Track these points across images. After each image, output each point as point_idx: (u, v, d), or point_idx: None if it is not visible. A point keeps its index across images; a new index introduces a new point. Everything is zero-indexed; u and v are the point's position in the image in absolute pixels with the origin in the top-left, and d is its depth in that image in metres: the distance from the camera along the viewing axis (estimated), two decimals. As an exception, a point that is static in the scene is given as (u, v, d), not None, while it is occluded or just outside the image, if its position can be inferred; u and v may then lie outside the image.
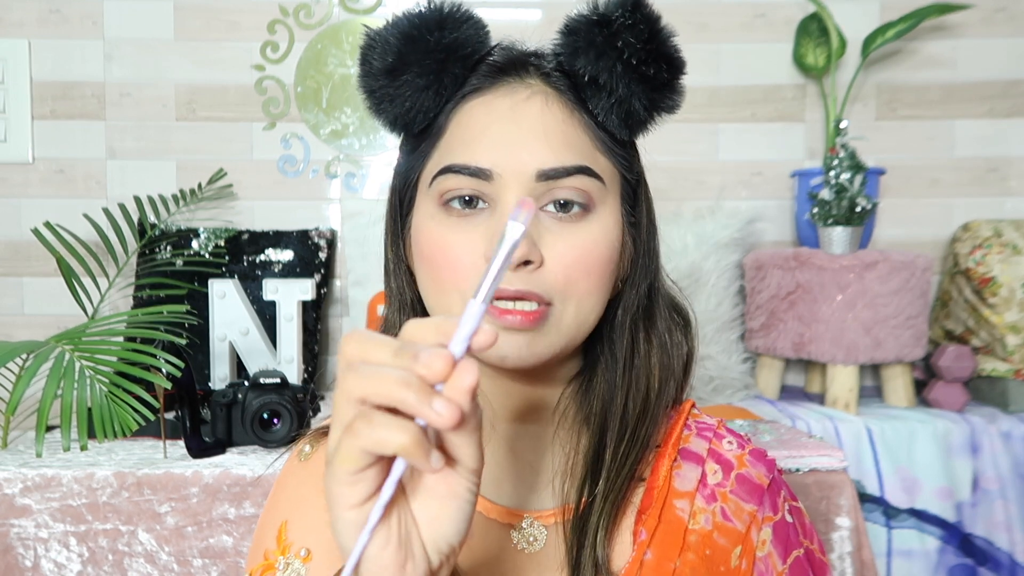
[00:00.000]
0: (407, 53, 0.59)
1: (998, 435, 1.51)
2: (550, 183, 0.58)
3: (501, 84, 0.61)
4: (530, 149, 0.58)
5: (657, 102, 0.61)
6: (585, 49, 0.60)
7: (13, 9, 1.87)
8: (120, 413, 1.13)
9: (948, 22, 1.90)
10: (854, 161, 1.59)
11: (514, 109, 0.60)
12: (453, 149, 0.60)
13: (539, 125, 0.59)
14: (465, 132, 0.60)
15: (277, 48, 1.92)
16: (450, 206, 0.59)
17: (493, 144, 0.58)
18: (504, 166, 0.58)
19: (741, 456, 0.65)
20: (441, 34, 0.59)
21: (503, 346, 0.57)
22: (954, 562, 1.47)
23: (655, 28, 0.60)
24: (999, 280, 1.70)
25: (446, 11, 0.60)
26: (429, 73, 0.59)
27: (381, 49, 0.60)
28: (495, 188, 0.58)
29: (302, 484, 0.67)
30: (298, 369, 1.57)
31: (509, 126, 0.59)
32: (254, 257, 1.84)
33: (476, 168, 0.58)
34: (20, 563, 1.15)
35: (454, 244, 0.58)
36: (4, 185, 1.89)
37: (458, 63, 0.60)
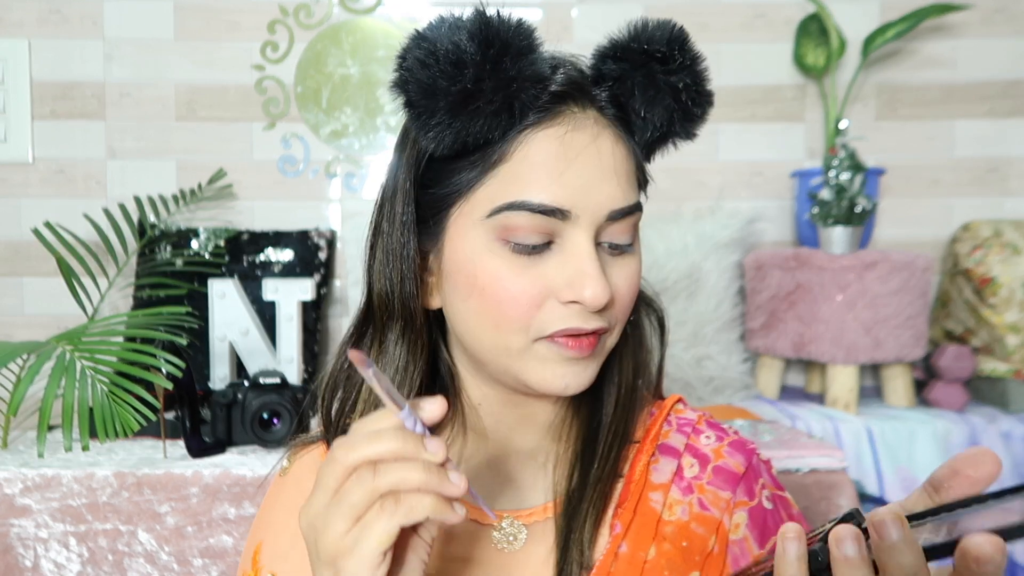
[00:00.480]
0: (485, 79, 0.55)
1: (998, 435, 1.51)
2: (613, 222, 0.59)
3: (565, 115, 0.59)
4: (607, 190, 0.58)
5: (690, 134, 0.64)
6: (643, 85, 0.60)
7: (13, 9, 1.87)
8: (121, 413, 1.13)
9: (948, 22, 1.90)
10: (854, 161, 1.59)
11: (593, 145, 0.59)
12: (524, 183, 0.57)
13: (612, 163, 0.59)
14: (538, 167, 0.57)
15: (277, 48, 1.92)
16: (515, 242, 0.58)
17: (573, 183, 0.57)
18: (583, 207, 0.57)
19: (719, 448, 0.66)
20: (522, 63, 0.56)
21: (566, 376, 0.59)
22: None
23: (702, 67, 0.62)
24: (999, 280, 1.70)
25: (519, 33, 0.57)
26: (503, 102, 0.56)
27: (449, 68, 0.55)
28: (567, 227, 0.58)
29: (275, 504, 0.68)
30: (298, 369, 1.57)
31: (588, 165, 0.58)
32: (254, 257, 1.84)
33: (555, 208, 0.57)
34: (20, 563, 1.15)
35: (524, 285, 0.58)
36: (4, 185, 1.90)
37: (531, 91, 0.57)
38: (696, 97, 0.61)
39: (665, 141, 0.64)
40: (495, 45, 0.55)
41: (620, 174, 0.60)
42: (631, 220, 0.61)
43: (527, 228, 0.57)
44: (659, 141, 0.64)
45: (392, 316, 0.65)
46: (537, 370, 0.59)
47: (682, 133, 0.63)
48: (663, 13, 0.62)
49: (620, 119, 0.62)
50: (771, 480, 0.68)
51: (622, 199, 0.59)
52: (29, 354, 1.24)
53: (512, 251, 0.58)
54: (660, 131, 0.62)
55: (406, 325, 0.64)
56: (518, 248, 0.58)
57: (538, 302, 0.58)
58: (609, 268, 0.60)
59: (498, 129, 0.57)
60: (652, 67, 0.60)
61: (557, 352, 0.59)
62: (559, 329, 0.58)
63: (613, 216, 0.59)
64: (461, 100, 0.55)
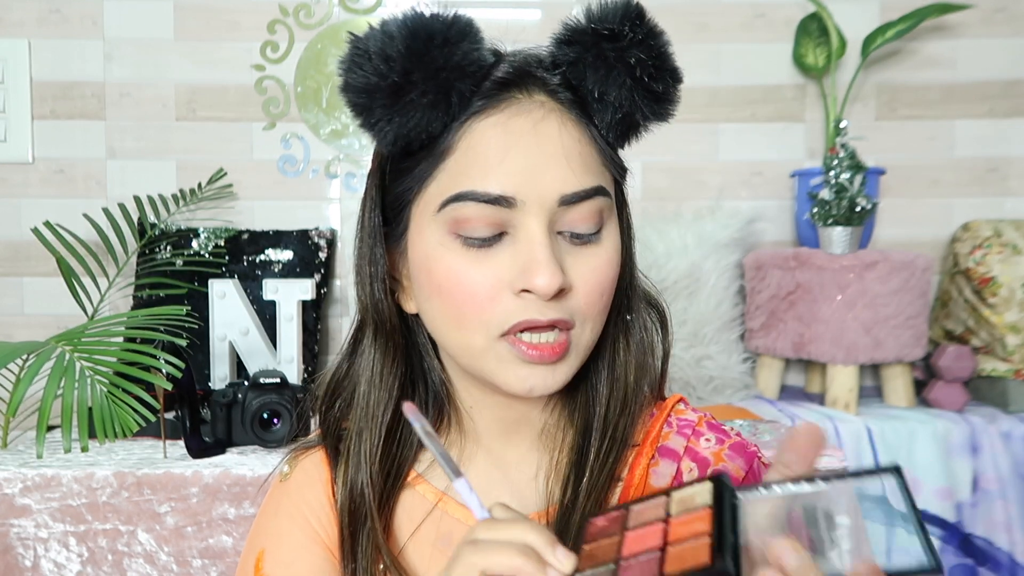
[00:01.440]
0: (412, 71, 0.55)
1: (998, 435, 1.51)
2: (569, 207, 0.57)
3: (510, 102, 0.58)
4: (553, 174, 0.56)
5: (658, 114, 0.60)
6: (593, 64, 0.58)
7: (13, 9, 1.87)
8: (120, 414, 1.13)
9: (948, 22, 1.90)
10: (854, 161, 1.59)
11: (535, 131, 0.57)
12: (469, 174, 0.57)
13: (559, 147, 0.57)
14: (481, 156, 0.57)
15: (277, 48, 1.92)
16: (466, 235, 0.57)
17: (515, 170, 0.56)
18: (527, 193, 0.56)
19: (719, 452, 0.65)
20: (449, 50, 0.55)
21: (530, 379, 0.57)
22: (954, 562, 1.47)
23: (661, 42, 0.59)
24: (999, 280, 1.70)
25: (451, 23, 0.56)
26: (437, 92, 0.56)
27: (379, 63, 0.55)
28: (517, 215, 0.56)
29: (279, 511, 0.68)
30: (298, 369, 1.57)
31: (531, 150, 0.56)
32: (254, 257, 1.84)
33: (498, 196, 0.55)
34: (20, 563, 1.15)
35: (477, 279, 0.56)
36: (4, 185, 1.89)
37: (466, 81, 0.56)
38: (654, 72, 0.58)
39: (633, 123, 0.60)
40: (421, 36, 0.55)
41: (570, 157, 0.57)
42: (591, 207, 0.58)
43: (475, 219, 0.56)
44: (625, 123, 0.60)
45: (368, 322, 0.65)
46: (500, 372, 0.58)
47: (648, 112, 0.60)
48: (663, 12, 0.61)
49: (575, 102, 0.59)
50: None
51: (574, 183, 0.57)
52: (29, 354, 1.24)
53: (464, 245, 0.57)
54: (622, 111, 0.59)
55: (378, 329, 0.65)
56: (470, 241, 0.57)
57: (493, 295, 0.56)
58: (571, 258, 0.58)
59: (437, 120, 0.56)
60: (603, 45, 0.58)
61: (516, 355, 0.57)
62: (517, 322, 0.56)
63: (566, 201, 0.56)
64: (393, 94, 0.55)
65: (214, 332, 1.55)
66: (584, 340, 0.60)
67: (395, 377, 0.65)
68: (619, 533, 0.47)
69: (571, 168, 0.57)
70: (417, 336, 0.67)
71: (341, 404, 0.68)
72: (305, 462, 0.70)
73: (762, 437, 1.32)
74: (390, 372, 0.65)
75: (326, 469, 0.68)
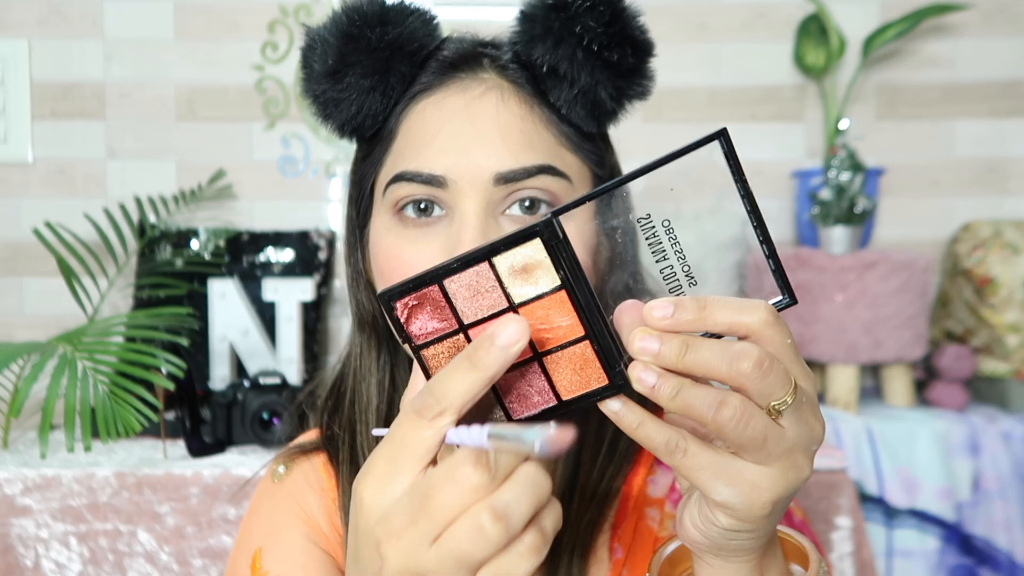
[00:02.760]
0: (348, 53, 0.55)
1: (998, 435, 1.51)
2: (510, 186, 0.54)
3: (453, 81, 0.56)
4: (487, 151, 0.54)
5: (625, 89, 0.57)
6: (542, 36, 0.55)
7: (13, 9, 1.87)
8: (122, 413, 1.13)
9: (948, 22, 1.90)
10: (854, 161, 1.59)
11: (467, 107, 0.55)
12: (404, 155, 0.56)
13: (494, 124, 0.54)
14: (416, 136, 0.56)
15: (277, 48, 1.91)
16: (404, 215, 0.55)
17: (445, 148, 0.54)
18: (459, 171, 0.53)
19: None
20: (384, 30, 0.55)
21: None
22: (954, 562, 1.47)
23: (617, 8, 0.55)
24: (999, 280, 1.70)
25: (387, 4, 0.56)
26: (373, 73, 0.55)
27: (321, 50, 0.56)
28: (451, 195, 0.54)
29: (276, 509, 0.66)
30: (298, 369, 1.57)
31: (462, 127, 0.54)
32: (254, 257, 1.84)
33: (429, 175, 0.54)
34: (20, 563, 1.15)
35: (411, 257, 0.55)
36: (4, 185, 1.89)
37: (404, 60, 0.55)
38: (607, 40, 0.54)
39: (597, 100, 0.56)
40: (355, 17, 0.55)
41: (508, 135, 0.54)
42: (536, 185, 0.54)
43: (410, 199, 0.55)
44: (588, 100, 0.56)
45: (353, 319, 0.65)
46: None
47: (610, 87, 0.56)
48: (663, 12, 0.61)
49: (529, 80, 0.57)
50: None
51: (511, 161, 0.54)
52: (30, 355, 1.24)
53: (404, 226, 0.56)
54: (578, 86, 0.55)
55: (360, 324, 0.65)
56: (409, 222, 0.56)
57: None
58: None
59: (377, 103, 0.56)
60: (550, 16, 0.55)
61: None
62: None
63: (502, 179, 0.53)
64: (333, 77, 0.56)
65: (214, 332, 1.55)
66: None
67: (383, 371, 0.64)
68: (460, 332, 0.41)
69: (507, 145, 0.54)
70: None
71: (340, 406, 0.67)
72: (304, 465, 0.68)
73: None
74: (377, 367, 0.64)
75: (326, 475, 0.67)
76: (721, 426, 0.37)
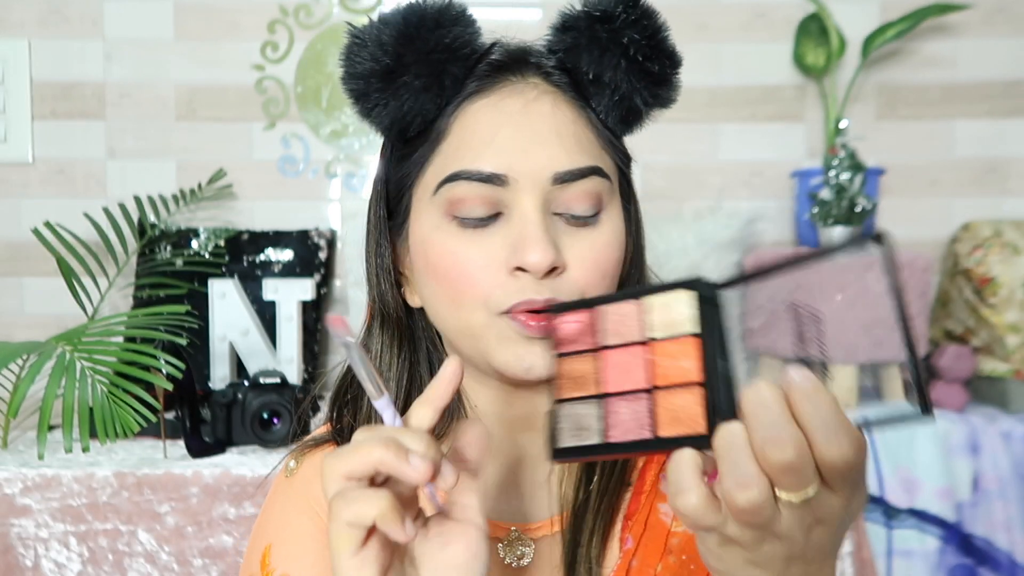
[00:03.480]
0: (404, 54, 0.56)
1: (998, 435, 1.51)
2: (565, 186, 0.57)
3: (504, 84, 0.59)
4: (546, 151, 0.56)
5: (658, 98, 0.60)
6: (588, 46, 0.58)
7: (13, 9, 1.87)
8: (121, 414, 1.13)
9: (948, 22, 1.90)
10: (854, 161, 1.59)
11: (525, 110, 0.58)
12: (461, 154, 0.57)
13: (551, 126, 0.57)
14: (473, 136, 0.57)
15: (277, 48, 1.92)
16: (460, 215, 0.57)
17: (506, 147, 0.56)
18: (519, 170, 0.56)
19: None
20: (440, 33, 0.57)
21: (528, 356, 0.56)
22: (954, 562, 1.47)
23: (656, 23, 0.59)
24: (999, 280, 1.70)
25: (443, 8, 0.58)
26: (429, 75, 0.57)
27: (374, 49, 0.57)
28: (510, 193, 0.56)
29: (287, 505, 0.67)
30: (298, 369, 1.57)
31: (522, 128, 0.57)
32: (254, 257, 1.84)
33: (490, 174, 0.56)
34: (20, 563, 1.15)
35: (473, 257, 0.56)
36: (4, 185, 1.89)
37: (459, 63, 0.58)
38: (648, 52, 0.58)
39: (634, 108, 0.60)
40: (413, 21, 0.57)
41: (563, 136, 0.57)
42: (586, 187, 0.57)
43: (470, 199, 0.56)
44: (625, 107, 0.60)
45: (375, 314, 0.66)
46: (499, 351, 0.57)
47: (647, 95, 0.60)
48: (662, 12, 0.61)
49: (572, 86, 0.60)
50: None
51: (566, 161, 0.57)
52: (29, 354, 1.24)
53: (460, 226, 0.57)
54: (619, 93, 0.59)
55: (384, 321, 0.65)
56: (465, 222, 0.57)
57: (489, 274, 0.56)
58: (567, 239, 0.57)
59: (431, 103, 0.58)
60: (596, 27, 0.58)
61: (517, 330, 0.56)
62: (514, 303, 0.56)
63: (560, 179, 0.56)
64: (386, 77, 0.57)
65: (214, 332, 1.55)
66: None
67: (402, 369, 0.65)
68: (595, 352, 0.46)
69: (563, 147, 0.57)
70: (423, 330, 0.67)
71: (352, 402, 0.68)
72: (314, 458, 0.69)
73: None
74: (398, 364, 0.65)
75: None
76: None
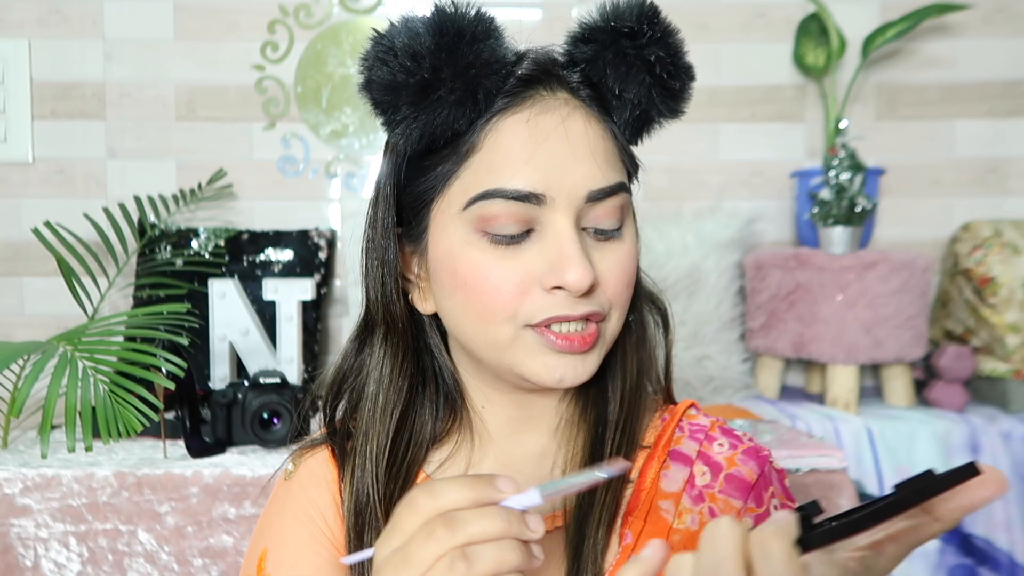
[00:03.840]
0: (442, 68, 0.55)
1: (998, 435, 1.51)
2: (595, 203, 0.58)
3: (535, 99, 0.58)
4: (581, 170, 0.57)
5: (674, 111, 0.62)
6: (614, 62, 0.59)
7: (13, 9, 1.87)
8: (123, 413, 1.13)
9: (948, 22, 1.90)
10: (854, 161, 1.59)
11: (561, 126, 0.57)
12: (496, 171, 0.57)
13: (585, 143, 0.58)
14: (509, 154, 0.57)
15: (277, 48, 1.92)
16: (493, 232, 0.57)
17: (544, 166, 0.56)
18: (557, 189, 0.56)
19: (732, 456, 0.64)
20: (479, 48, 0.56)
21: (559, 368, 0.58)
22: (954, 562, 1.47)
23: (677, 40, 0.60)
24: (999, 280, 1.70)
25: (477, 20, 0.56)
26: (464, 89, 0.56)
27: (407, 61, 0.55)
28: (545, 212, 0.57)
29: (283, 510, 0.67)
30: (298, 369, 1.57)
31: (559, 146, 0.57)
32: (254, 257, 1.84)
33: (528, 192, 0.56)
34: (20, 563, 1.15)
35: (505, 275, 0.57)
36: (4, 185, 1.89)
37: (492, 77, 0.57)
38: (672, 70, 0.59)
39: (649, 120, 0.62)
40: (450, 33, 0.55)
41: (596, 153, 0.58)
42: (614, 203, 0.59)
43: (503, 216, 0.56)
44: (641, 120, 0.61)
45: (378, 321, 0.65)
46: (528, 362, 0.58)
47: (664, 109, 0.61)
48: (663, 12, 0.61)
49: (595, 99, 0.60)
50: (782, 490, 0.65)
51: (600, 179, 0.57)
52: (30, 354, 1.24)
53: (491, 242, 0.57)
54: (640, 108, 0.60)
55: (388, 330, 0.65)
56: (497, 239, 0.57)
57: (521, 290, 0.56)
58: (596, 253, 0.58)
59: (464, 118, 0.57)
60: (622, 43, 0.58)
61: (546, 344, 0.57)
62: (546, 317, 0.56)
63: (592, 197, 0.57)
64: (421, 91, 0.55)
65: (214, 332, 1.55)
66: (611, 331, 0.61)
67: (404, 378, 0.65)
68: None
69: (596, 164, 0.58)
70: (429, 336, 0.67)
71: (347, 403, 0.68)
72: (310, 460, 0.69)
73: (762, 437, 1.32)
74: (399, 373, 0.65)
75: (332, 468, 0.68)
76: None
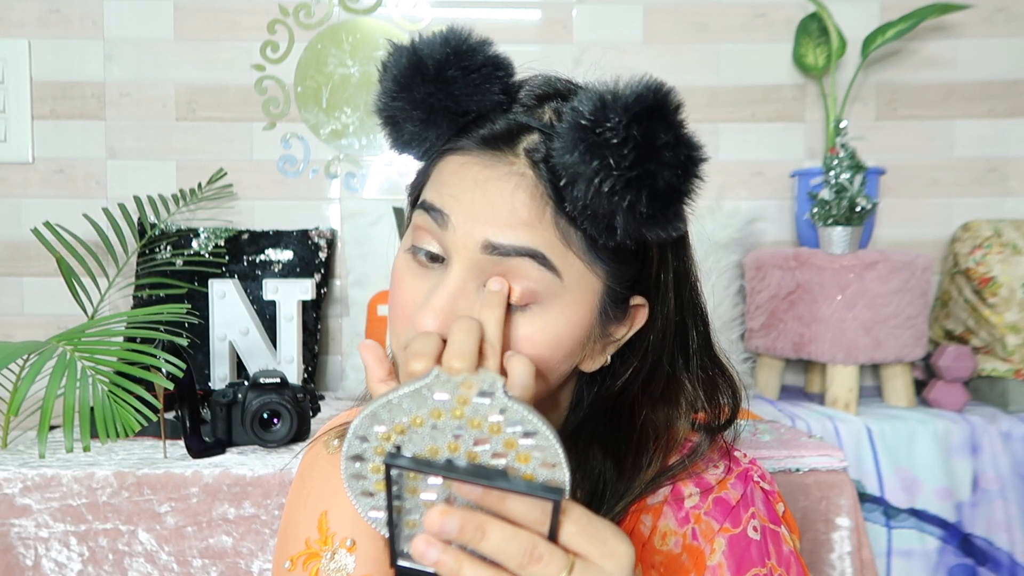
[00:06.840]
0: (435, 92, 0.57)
1: (998, 435, 1.51)
2: (496, 259, 0.54)
3: (486, 152, 0.57)
4: (488, 217, 0.54)
5: (651, 227, 0.55)
6: (570, 150, 0.52)
7: (13, 9, 1.87)
8: (122, 413, 1.13)
9: (948, 22, 1.90)
10: (854, 161, 1.59)
11: (490, 179, 0.55)
12: (427, 187, 0.60)
13: (505, 200, 0.54)
14: (439, 175, 0.59)
15: (277, 48, 1.92)
16: (418, 248, 0.58)
17: (455, 196, 0.56)
18: (459, 222, 0.55)
19: (724, 480, 0.64)
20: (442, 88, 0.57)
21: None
22: (954, 562, 1.47)
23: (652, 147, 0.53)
24: (999, 280, 1.70)
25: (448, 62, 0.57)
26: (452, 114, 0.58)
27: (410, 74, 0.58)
28: (449, 240, 0.56)
29: (334, 475, 0.68)
30: (298, 369, 1.57)
31: (476, 190, 0.55)
32: (254, 257, 1.84)
33: (436, 207, 0.56)
34: (20, 563, 1.15)
35: (408, 291, 0.58)
36: (4, 185, 1.90)
37: (446, 121, 0.58)
38: (624, 183, 0.51)
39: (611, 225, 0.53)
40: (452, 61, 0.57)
41: (513, 213, 0.54)
42: (522, 266, 0.54)
43: (423, 229, 0.58)
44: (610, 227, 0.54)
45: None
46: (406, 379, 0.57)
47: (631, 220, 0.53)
48: (663, 14, 0.61)
49: (551, 178, 0.55)
50: (767, 512, 0.63)
51: (499, 235, 0.54)
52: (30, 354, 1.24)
53: (414, 257, 0.58)
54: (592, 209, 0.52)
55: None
56: (420, 254, 0.58)
57: (409, 313, 0.57)
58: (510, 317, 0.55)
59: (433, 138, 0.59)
60: (587, 136, 0.52)
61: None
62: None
63: (488, 249, 0.54)
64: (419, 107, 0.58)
65: (214, 332, 1.55)
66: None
67: None
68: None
69: (506, 222, 0.54)
70: None
71: None
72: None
73: (762, 437, 1.32)
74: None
75: None
76: None
